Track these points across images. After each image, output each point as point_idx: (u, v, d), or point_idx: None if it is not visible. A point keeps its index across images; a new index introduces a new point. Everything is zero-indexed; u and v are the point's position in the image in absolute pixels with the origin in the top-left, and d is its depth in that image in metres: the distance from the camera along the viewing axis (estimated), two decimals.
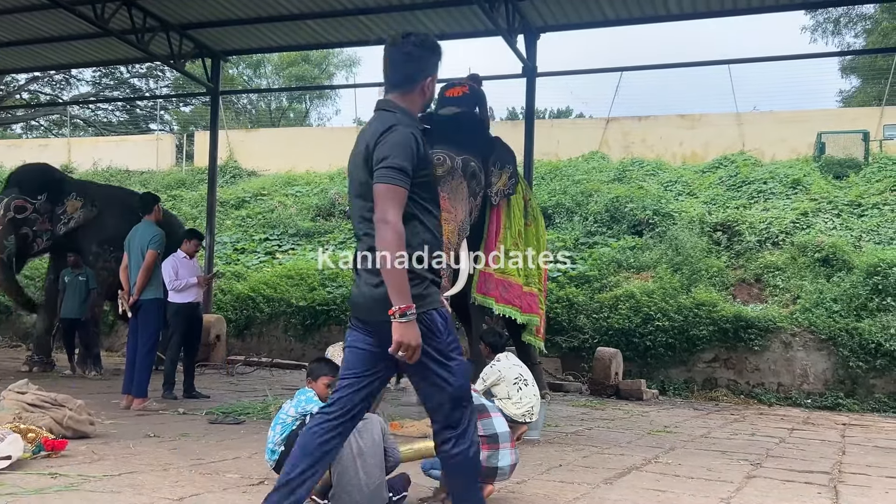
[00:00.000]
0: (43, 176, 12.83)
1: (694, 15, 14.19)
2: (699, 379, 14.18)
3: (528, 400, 6.88)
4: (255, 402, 9.34)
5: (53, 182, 12.79)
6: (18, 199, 12.19)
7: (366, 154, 3.35)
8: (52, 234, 12.51)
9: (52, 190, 12.59)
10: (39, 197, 12.40)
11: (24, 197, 12.25)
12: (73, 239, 12.64)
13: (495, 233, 9.22)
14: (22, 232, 12.18)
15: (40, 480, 4.91)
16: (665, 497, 5.32)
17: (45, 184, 12.61)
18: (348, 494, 4.33)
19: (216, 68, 17.42)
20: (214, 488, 4.95)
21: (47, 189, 12.54)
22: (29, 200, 12.27)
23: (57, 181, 12.89)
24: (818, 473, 6.55)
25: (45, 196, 12.46)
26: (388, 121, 3.36)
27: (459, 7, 13.93)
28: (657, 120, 22.86)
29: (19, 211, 12.15)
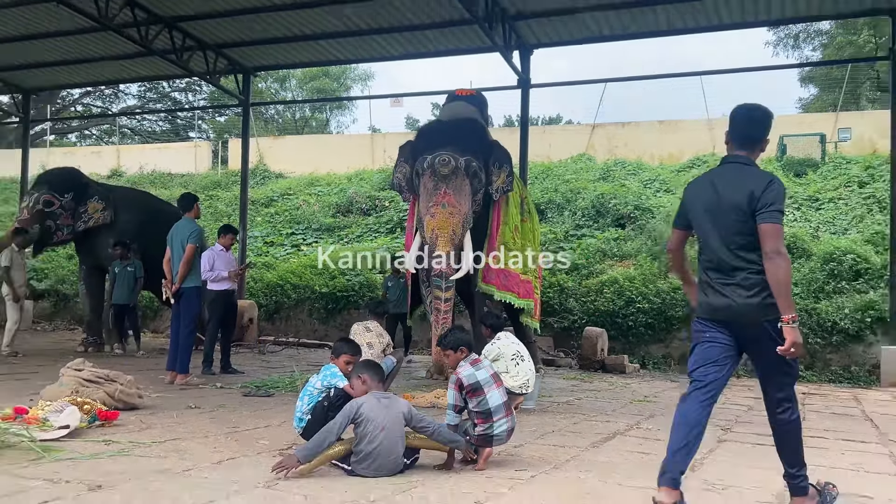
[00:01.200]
0: (71, 178, 13.05)
1: (670, 31, 14.15)
2: (675, 354, 14.13)
3: (525, 374, 6.87)
4: (284, 377, 9.34)
5: (80, 184, 12.98)
6: (48, 195, 12.41)
7: (751, 198, 3.67)
8: (72, 229, 12.67)
9: (77, 191, 12.77)
10: (66, 195, 12.59)
11: (52, 193, 12.47)
12: (90, 236, 12.80)
13: (496, 228, 9.23)
14: (46, 223, 12.38)
15: (95, 447, 4.92)
16: (647, 458, 5.31)
17: (73, 185, 12.81)
18: (372, 460, 4.34)
19: (247, 83, 17.41)
20: (249, 453, 4.95)
21: (73, 189, 12.73)
22: (57, 197, 12.48)
23: (83, 184, 13.07)
24: None
25: (72, 195, 12.64)
26: (764, 174, 3.77)
27: (462, 27, 13.90)
28: (638, 125, 22.78)
29: (47, 205, 12.36)
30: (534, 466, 4.82)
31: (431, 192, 8.51)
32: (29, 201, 12.41)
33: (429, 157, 8.64)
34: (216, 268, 9.94)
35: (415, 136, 9.59)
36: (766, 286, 3.68)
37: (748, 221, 3.70)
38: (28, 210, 12.28)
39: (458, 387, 4.82)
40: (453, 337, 5.07)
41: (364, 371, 4.72)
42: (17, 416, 5.42)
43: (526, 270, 9.77)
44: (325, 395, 5.06)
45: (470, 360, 4.96)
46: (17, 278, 11.61)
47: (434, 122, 9.84)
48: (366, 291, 16.33)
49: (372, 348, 7.33)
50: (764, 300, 3.68)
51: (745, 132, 3.89)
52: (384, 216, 20.21)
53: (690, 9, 13.07)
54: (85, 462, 4.47)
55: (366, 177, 23.15)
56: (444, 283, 8.38)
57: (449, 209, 8.40)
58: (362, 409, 4.40)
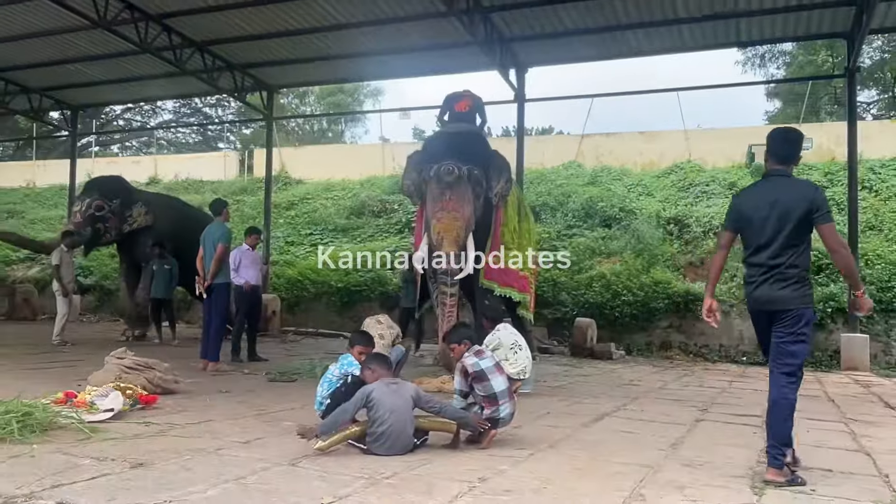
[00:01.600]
0: (118, 185, 13.09)
1: (650, 52, 14.13)
2: (657, 342, 14.11)
3: (522, 361, 6.87)
4: (305, 364, 9.32)
5: (125, 190, 13.04)
6: (99, 201, 12.44)
7: (811, 204, 3.99)
8: (119, 231, 12.68)
9: (123, 196, 12.82)
10: (114, 201, 12.63)
11: (103, 199, 12.49)
12: (131, 236, 12.81)
13: (498, 229, 9.22)
14: (97, 226, 12.43)
15: (137, 428, 4.92)
16: (632, 436, 5.29)
17: (120, 191, 12.85)
18: (384, 440, 4.34)
19: (270, 99, 17.42)
20: (274, 433, 4.95)
21: (120, 195, 12.76)
22: (106, 202, 12.52)
23: (128, 190, 13.14)
24: (753, 416, 6.50)
25: (119, 201, 12.67)
26: (811, 184, 4.23)
27: (463, 48, 13.86)
28: (622, 136, 22.69)
29: (98, 209, 12.41)
30: (531, 445, 4.81)
31: (437, 197, 8.50)
32: (81, 206, 12.40)
33: (435, 167, 8.62)
34: (241, 265, 9.91)
35: (422, 147, 9.56)
36: (800, 280, 4.05)
37: (799, 225, 4.02)
38: (81, 214, 12.29)
39: (464, 374, 4.82)
40: (457, 333, 5.10)
41: (372, 362, 4.73)
42: (67, 399, 5.43)
43: (523, 267, 9.75)
44: (343, 381, 5.05)
45: (474, 350, 4.95)
46: (65, 275, 11.63)
47: (439, 133, 9.81)
48: (377, 286, 16.29)
49: (383, 339, 7.36)
50: (797, 290, 4.03)
51: (783, 151, 4.22)
52: (393, 218, 20.18)
53: (668, 33, 13.07)
54: (127, 442, 4.47)
55: (377, 182, 23.11)
56: (450, 280, 8.37)
57: (453, 214, 8.39)
58: (373, 394, 4.40)
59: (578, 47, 13.77)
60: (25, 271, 20.62)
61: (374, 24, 13.09)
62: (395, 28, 13.25)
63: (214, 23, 13.37)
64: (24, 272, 20.58)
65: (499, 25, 12.87)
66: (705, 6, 12.09)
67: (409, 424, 4.44)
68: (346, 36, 13.74)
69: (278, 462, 4.08)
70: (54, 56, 15.33)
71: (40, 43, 14.49)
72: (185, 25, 13.54)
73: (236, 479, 3.70)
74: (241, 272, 9.88)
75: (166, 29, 13.38)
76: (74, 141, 20.39)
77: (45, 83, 17.40)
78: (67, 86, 17.47)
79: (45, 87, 17.72)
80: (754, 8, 12.13)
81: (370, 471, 3.95)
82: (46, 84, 17.46)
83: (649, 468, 4.26)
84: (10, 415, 4.51)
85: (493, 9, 12.35)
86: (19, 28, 13.74)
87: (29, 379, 7.17)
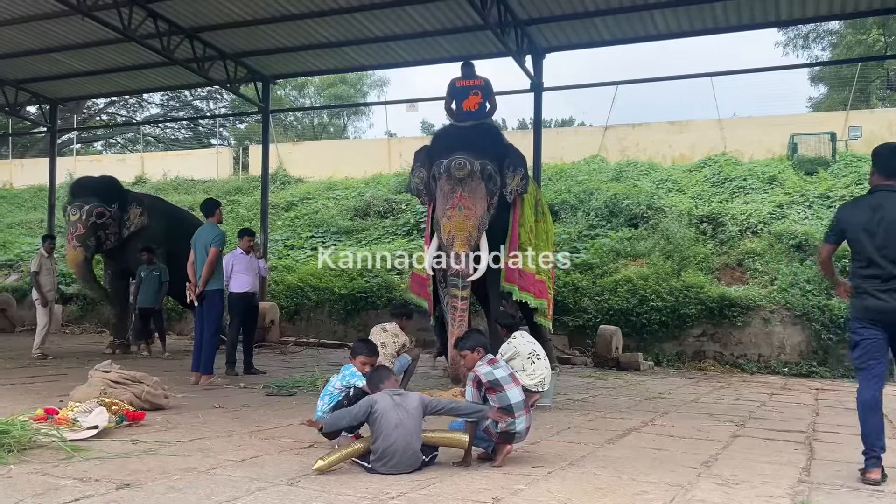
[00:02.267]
0: (115, 187, 13.21)
1: (680, 34, 14.06)
2: (689, 351, 14.07)
3: (541, 372, 6.87)
4: (305, 377, 9.37)
5: (121, 192, 13.18)
6: (100, 207, 12.54)
7: None
8: (118, 236, 12.80)
9: (120, 199, 12.95)
10: (113, 205, 12.74)
11: (103, 205, 12.57)
12: (125, 241, 12.91)
13: (515, 229, 9.25)
14: (98, 234, 12.53)
15: (123, 446, 4.97)
16: (661, 454, 5.29)
17: (117, 194, 12.98)
18: (389, 457, 4.37)
19: (266, 90, 17.49)
20: (271, 451, 4.99)
21: (118, 199, 12.89)
22: (107, 208, 12.61)
23: (124, 192, 13.29)
24: (795, 432, 6.50)
25: (117, 205, 12.79)
26: None
27: (475, 33, 13.90)
28: (649, 126, 22.68)
29: (100, 216, 12.52)
30: (550, 463, 4.83)
31: (448, 195, 8.53)
32: (80, 214, 12.40)
33: (445, 162, 8.65)
34: (235, 270, 9.98)
35: (431, 141, 9.60)
36: None
37: None
38: (82, 223, 12.35)
39: (477, 384, 4.84)
40: (471, 339, 5.12)
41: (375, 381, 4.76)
42: (47, 416, 5.49)
43: (539, 270, 9.77)
44: (345, 394, 5.10)
45: (487, 359, 4.98)
46: (45, 283, 11.73)
47: (449, 126, 9.85)
48: (384, 293, 16.35)
49: (385, 347, 7.33)
50: None
51: (891, 165, 4.68)
52: (401, 219, 20.24)
53: (699, 12, 13.00)
54: (113, 461, 4.52)
55: (382, 180, 23.20)
56: (461, 283, 8.39)
57: (465, 212, 8.41)
58: (377, 406, 4.44)
59: (600, 30, 13.75)
60: (2, 279, 20.80)
61: (378, 8, 13.11)
62: (401, 11, 13.28)
63: (205, 7, 13.44)
64: (1, 280, 20.76)
65: (513, 7, 12.87)
66: None
67: (415, 440, 4.47)
68: (348, 21, 13.79)
69: (275, 482, 4.12)
70: (31, 46, 15.44)
71: (14, 31, 14.58)
72: (172, 10, 13.61)
73: (230, 500, 3.73)
74: (234, 279, 9.95)
75: (152, 14, 13.46)
76: (54, 138, 20.55)
77: (22, 75, 17.55)
78: (46, 78, 17.60)
79: (22, 80, 17.87)
80: None
81: (375, 490, 3.98)
82: (23, 76, 17.61)
83: (679, 487, 4.27)
84: None
85: None
86: None
87: (7, 395, 7.25)
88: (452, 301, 8.45)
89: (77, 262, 12.46)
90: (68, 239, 12.55)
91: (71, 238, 12.46)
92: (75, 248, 12.39)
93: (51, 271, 12.00)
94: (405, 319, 7.94)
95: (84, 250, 12.40)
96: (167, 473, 4.23)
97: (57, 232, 17.31)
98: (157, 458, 4.64)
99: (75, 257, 12.44)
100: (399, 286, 16.35)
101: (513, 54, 13.61)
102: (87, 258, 12.52)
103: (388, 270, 17.18)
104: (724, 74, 17.40)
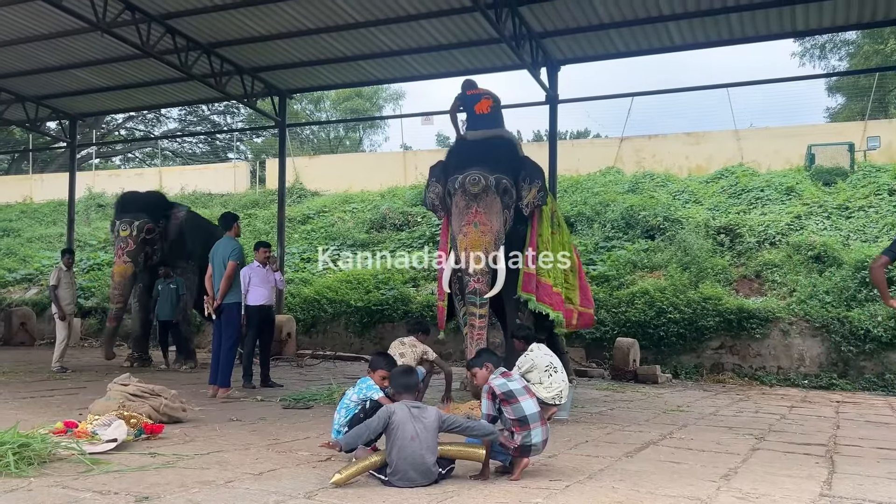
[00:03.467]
0: (161, 202, 13.26)
1: (695, 45, 14.06)
2: (707, 364, 13.97)
3: (558, 385, 6.84)
4: (322, 389, 9.39)
5: (168, 207, 13.16)
6: (149, 224, 12.49)
7: None
8: (162, 250, 12.79)
9: (167, 215, 12.92)
10: (161, 222, 12.74)
11: (152, 221, 12.56)
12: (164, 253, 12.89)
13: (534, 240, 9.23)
14: (146, 250, 12.50)
15: (141, 459, 4.99)
16: (679, 468, 5.25)
17: (164, 210, 12.96)
18: (405, 471, 4.36)
19: (283, 105, 17.62)
20: (288, 464, 4.99)
21: (165, 215, 12.87)
22: (156, 224, 12.61)
23: (170, 206, 13.25)
24: (816, 445, 6.43)
25: (164, 221, 12.80)
26: None
27: (490, 46, 13.96)
28: (665, 138, 22.63)
29: (149, 233, 12.46)
30: (567, 476, 4.80)
31: (463, 210, 8.52)
32: (130, 229, 12.32)
33: (459, 177, 8.65)
34: (252, 283, 10.03)
35: (446, 156, 9.60)
36: None
37: None
38: (133, 239, 12.27)
39: (491, 395, 4.83)
40: (479, 357, 5.15)
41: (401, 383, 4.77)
42: (67, 429, 5.52)
43: (556, 283, 9.74)
44: (361, 407, 5.10)
45: (500, 372, 4.98)
46: (64, 297, 11.83)
47: (464, 141, 9.84)
48: (400, 305, 16.36)
49: (404, 357, 7.48)
50: None
51: None
52: (416, 231, 20.28)
53: (714, 23, 12.99)
54: (132, 474, 4.54)
55: (398, 193, 23.26)
56: (479, 300, 8.36)
57: (480, 228, 8.41)
58: (394, 416, 4.44)
59: (615, 41, 13.77)
60: (23, 293, 21.00)
61: (393, 22, 13.20)
62: (416, 26, 13.37)
63: (222, 23, 13.59)
64: (21, 294, 20.97)
65: (528, 20, 12.92)
66: None
67: (430, 454, 4.46)
68: (363, 35, 13.89)
69: (293, 495, 4.12)
70: (51, 62, 15.67)
71: (36, 48, 14.82)
72: (190, 26, 13.78)
73: None
74: (252, 291, 10.00)
75: (170, 30, 13.62)
76: (73, 152, 20.77)
77: (42, 91, 17.79)
78: (65, 94, 17.83)
79: (42, 96, 18.12)
80: None
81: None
82: (43, 92, 17.85)
83: (699, 501, 4.23)
84: (5, 447, 4.58)
85: (522, 1, 12.40)
86: (12, 33, 14.06)
87: (26, 408, 7.31)
88: (470, 319, 8.43)
89: (125, 276, 12.21)
90: (117, 254, 12.35)
91: (121, 253, 12.28)
92: (125, 262, 12.22)
93: (69, 285, 12.10)
94: (421, 334, 8.01)
95: (133, 266, 12.27)
96: (185, 486, 4.24)
97: (76, 246, 17.47)
98: (175, 471, 4.66)
99: (124, 270, 12.22)
100: (415, 298, 16.36)
101: (528, 67, 13.64)
102: (134, 273, 12.37)
103: (404, 283, 17.20)
104: (740, 85, 17.33)
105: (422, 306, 15.96)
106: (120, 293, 12.25)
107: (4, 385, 9.47)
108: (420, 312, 15.68)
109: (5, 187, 30.98)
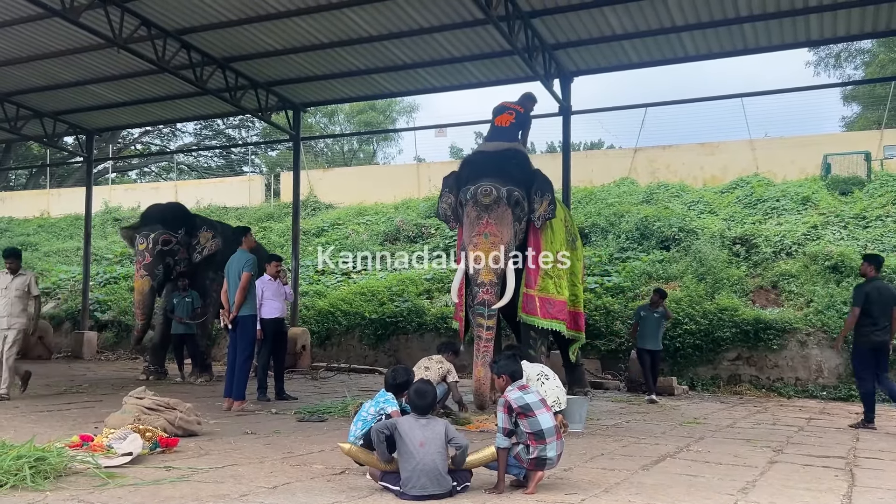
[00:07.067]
0: (180, 213, 13.20)
1: (709, 55, 13.99)
2: (724, 375, 13.85)
3: (552, 391, 6.93)
4: (336, 402, 9.39)
5: (189, 217, 13.14)
6: (165, 234, 12.48)
7: None
8: (188, 261, 12.78)
9: (188, 224, 12.91)
10: (179, 231, 12.71)
11: (168, 232, 12.55)
12: (195, 265, 12.90)
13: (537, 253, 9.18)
14: (166, 261, 12.49)
15: (157, 472, 5.01)
16: (696, 481, 5.21)
17: (183, 219, 12.94)
18: (416, 479, 4.38)
19: (297, 118, 17.71)
20: (303, 477, 4.99)
21: (185, 224, 12.86)
22: (172, 235, 12.58)
23: (191, 217, 13.25)
24: (835, 458, 6.36)
25: (184, 230, 12.78)
26: None
27: (503, 58, 13.98)
28: (679, 148, 22.58)
29: (165, 244, 12.44)
30: (583, 490, 4.77)
31: (474, 221, 8.54)
32: (147, 242, 12.36)
33: (471, 188, 8.68)
34: (266, 297, 10.03)
35: (458, 167, 9.62)
36: None
37: None
38: (149, 252, 12.30)
39: (507, 409, 4.81)
40: (503, 364, 5.11)
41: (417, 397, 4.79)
42: (83, 443, 5.56)
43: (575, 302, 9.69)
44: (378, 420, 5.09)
45: (517, 385, 4.96)
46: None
47: (477, 152, 9.85)
48: (413, 317, 16.34)
49: (429, 371, 7.94)
50: None
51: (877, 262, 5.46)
52: (430, 243, 20.29)
53: (728, 33, 12.96)
54: (147, 488, 4.55)
55: (412, 205, 23.30)
56: (487, 311, 8.37)
57: (491, 239, 8.42)
58: (399, 427, 4.49)
59: (628, 52, 13.75)
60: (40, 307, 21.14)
61: (406, 36, 13.26)
62: (429, 39, 13.42)
63: (236, 38, 13.70)
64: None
65: (541, 32, 12.94)
66: (770, 2, 11.99)
67: (441, 460, 4.46)
68: (377, 49, 13.96)
69: None
70: (68, 78, 15.84)
71: (53, 64, 14.99)
72: (205, 42, 13.90)
73: None
74: (265, 305, 10.01)
75: (185, 46, 13.74)
76: (90, 167, 20.93)
77: (59, 107, 17.97)
78: (82, 109, 18.00)
79: (59, 111, 18.30)
80: (826, 2, 11.97)
81: None
82: (60, 108, 18.03)
83: None
84: (22, 460, 4.61)
85: (535, 14, 12.43)
86: (30, 49, 14.23)
87: (43, 422, 7.36)
88: (478, 330, 8.44)
89: (143, 291, 12.25)
90: (136, 268, 12.46)
91: (139, 267, 12.38)
92: (142, 276, 12.28)
93: None
94: (451, 354, 8.51)
95: (151, 279, 12.26)
96: (200, 500, 4.24)
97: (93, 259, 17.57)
98: (190, 485, 4.66)
99: (141, 286, 12.29)
100: (429, 310, 16.34)
101: (541, 79, 13.65)
102: (153, 288, 12.36)
103: (418, 295, 17.20)
104: (754, 95, 17.26)
105: (436, 318, 15.94)
106: (140, 311, 12.28)
107: (20, 398, 9.53)
108: (434, 325, 15.68)
109: (23, 202, 31.30)
